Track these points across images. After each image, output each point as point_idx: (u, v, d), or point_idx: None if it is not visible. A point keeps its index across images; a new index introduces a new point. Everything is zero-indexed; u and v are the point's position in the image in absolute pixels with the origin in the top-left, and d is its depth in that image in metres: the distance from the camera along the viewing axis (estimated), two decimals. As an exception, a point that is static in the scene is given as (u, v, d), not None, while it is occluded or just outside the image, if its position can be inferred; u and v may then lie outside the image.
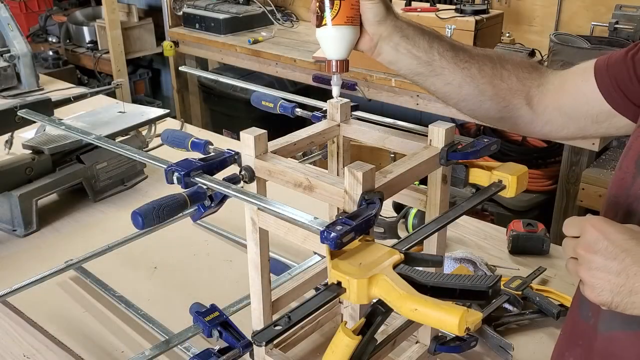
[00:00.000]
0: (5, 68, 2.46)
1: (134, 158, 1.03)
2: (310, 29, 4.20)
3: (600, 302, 0.68)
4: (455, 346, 0.96)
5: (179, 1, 3.87)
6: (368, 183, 0.73)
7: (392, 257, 0.67)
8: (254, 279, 0.91)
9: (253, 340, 0.66)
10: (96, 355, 1.10)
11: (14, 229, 1.49)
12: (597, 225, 0.68)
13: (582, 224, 0.70)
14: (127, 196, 1.68)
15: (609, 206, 0.82)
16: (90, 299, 1.25)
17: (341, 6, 0.89)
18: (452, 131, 0.85)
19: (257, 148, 0.84)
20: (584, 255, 0.69)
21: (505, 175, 0.84)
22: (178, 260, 1.38)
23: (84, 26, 4.49)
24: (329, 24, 0.89)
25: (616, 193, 0.81)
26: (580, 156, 2.42)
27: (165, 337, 1.07)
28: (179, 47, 3.84)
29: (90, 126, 1.63)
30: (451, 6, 2.82)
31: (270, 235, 0.88)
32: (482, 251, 1.38)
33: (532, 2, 2.96)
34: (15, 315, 1.19)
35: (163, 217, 0.80)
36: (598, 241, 0.67)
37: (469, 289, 0.64)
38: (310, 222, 0.72)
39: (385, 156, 2.65)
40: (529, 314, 1.16)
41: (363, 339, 0.68)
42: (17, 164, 1.50)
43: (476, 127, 3.00)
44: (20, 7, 4.73)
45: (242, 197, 0.80)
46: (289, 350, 1.03)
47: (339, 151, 1.00)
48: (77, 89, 2.53)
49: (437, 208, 0.88)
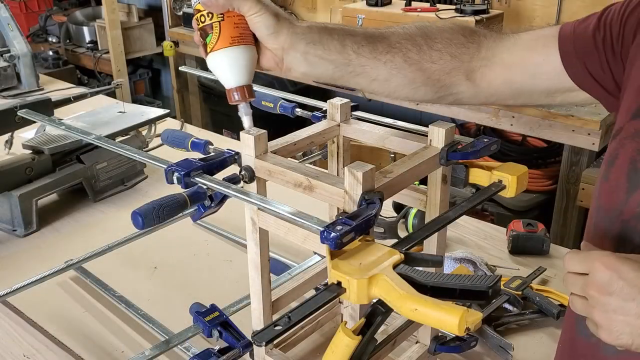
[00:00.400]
0: (5, 68, 2.46)
1: (134, 158, 1.03)
2: (310, 29, 4.16)
3: (620, 344, 0.64)
4: (455, 346, 0.96)
5: (179, 1, 3.88)
6: (368, 183, 0.73)
7: (392, 257, 0.67)
8: (254, 279, 0.91)
9: (253, 340, 0.66)
10: (96, 355, 1.10)
11: (14, 229, 1.49)
12: (608, 263, 0.63)
13: (589, 260, 0.65)
14: (127, 196, 1.67)
15: (599, 223, 0.77)
16: (90, 299, 1.25)
17: (221, 28, 0.81)
18: (452, 131, 0.85)
19: (257, 148, 0.83)
20: (598, 297, 0.64)
21: (505, 175, 0.84)
22: (178, 260, 1.38)
23: (84, 26, 4.49)
24: (214, 49, 0.82)
25: (606, 208, 0.76)
26: (580, 156, 2.42)
27: (165, 337, 1.07)
28: (179, 47, 3.84)
29: (90, 126, 1.63)
30: (451, 6, 2.82)
31: (270, 235, 0.88)
32: (482, 251, 1.38)
33: (532, 2, 2.96)
34: (15, 315, 1.19)
35: (163, 217, 0.80)
36: (612, 282, 0.62)
37: (469, 289, 0.64)
38: (310, 222, 0.72)
39: (385, 156, 2.64)
40: (529, 314, 1.16)
41: (363, 339, 0.68)
42: (17, 164, 1.50)
43: (476, 127, 3.00)
44: (20, 7, 4.74)
45: (242, 197, 0.80)
46: (289, 350, 1.03)
47: (339, 151, 1.00)
48: (77, 89, 2.53)
49: (437, 208, 0.88)
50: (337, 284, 0.65)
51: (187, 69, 2.01)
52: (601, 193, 0.77)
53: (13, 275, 1.29)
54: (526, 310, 1.16)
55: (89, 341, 1.13)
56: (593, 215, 0.79)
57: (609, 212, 0.74)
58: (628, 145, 0.73)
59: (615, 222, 0.73)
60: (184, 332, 1.04)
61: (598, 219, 0.77)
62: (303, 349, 1.07)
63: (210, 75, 0.93)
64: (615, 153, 0.75)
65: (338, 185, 0.75)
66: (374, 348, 0.73)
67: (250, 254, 0.90)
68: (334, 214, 1.00)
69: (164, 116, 1.77)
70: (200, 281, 1.31)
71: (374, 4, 2.88)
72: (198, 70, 3.84)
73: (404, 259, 0.68)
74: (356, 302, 0.66)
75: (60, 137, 1.57)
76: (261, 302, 0.92)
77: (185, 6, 3.83)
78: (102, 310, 1.22)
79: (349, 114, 0.98)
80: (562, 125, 2.32)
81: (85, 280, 1.29)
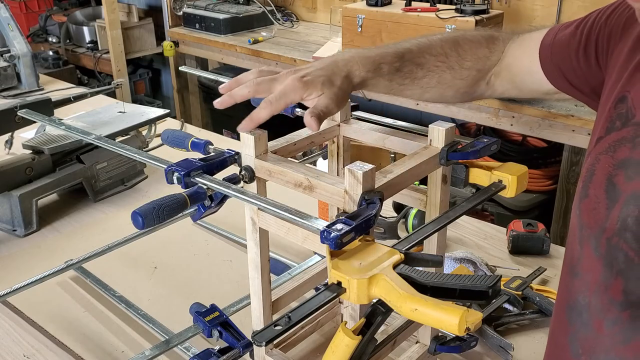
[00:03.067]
0: (5, 68, 2.46)
1: (134, 158, 1.03)
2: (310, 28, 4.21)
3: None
4: (455, 346, 0.96)
5: (179, 1, 3.88)
6: (368, 183, 0.73)
7: (392, 257, 0.67)
8: (254, 279, 0.91)
9: (253, 340, 0.66)
10: (96, 355, 1.10)
11: (14, 229, 1.49)
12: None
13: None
14: (127, 196, 1.68)
15: (583, 241, 0.76)
16: (90, 299, 1.25)
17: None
18: (452, 131, 0.85)
19: (257, 148, 0.84)
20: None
21: (505, 175, 0.84)
22: (178, 260, 1.38)
23: (84, 26, 4.49)
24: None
25: (589, 225, 0.74)
26: (580, 156, 2.42)
27: (165, 337, 1.07)
28: (179, 47, 3.84)
29: (90, 126, 1.63)
30: (451, 6, 2.81)
31: (270, 235, 0.88)
32: (482, 251, 1.38)
33: (532, 2, 2.96)
34: (15, 315, 1.19)
35: (163, 217, 0.80)
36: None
37: (469, 289, 0.63)
38: (310, 222, 0.72)
39: (385, 156, 2.65)
40: (529, 314, 1.16)
41: (363, 339, 0.68)
42: (17, 164, 1.50)
43: (476, 127, 3.00)
44: (20, 7, 4.74)
45: (242, 197, 0.80)
46: (289, 350, 1.03)
47: (339, 151, 1.00)
48: (77, 89, 2.53)
49: (437, 208, 0.88)
50: (337, 284, 0.65)
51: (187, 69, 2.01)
52: (582, 211, 0.76)
53: (13, 275, 1.29)
54: (526, 310, 1.16)
55: (89, 341, 1.13)
56: (577, 234, 0.77)
57: (594, 230, 0.73)
58: (603, 160, 0.73)
59: (600, 240, 0.72)
60: (184, 332, 1.04)
61: (583, 238, 0.76)
62: (303, 349, 1.07)
63: (210, 75, 0.93)
64: (592, 169, 0.75)
65: (338, 185, 0.75)
66: (374, 348, 0.73)
67: (250, 254, 0.90)
68: (334, 214, 1.00)
69: (164, 116, 1.77)
70: (200, 281, 1.31)
71: (374, 4, 2.88)
72: (198, 70, 3.85)
73: (404, 259, 0.68)
74: (356, 302, 0.66)
75: (60, 137, 1.57)
76: (261, 302, 0.92)
77: (185, 6, 3.83)
78: (102, 310, 1.22)
79: (349, 114, 0.98)
80: (562, 125, 2.32)
81: (85, 280, 1.29)
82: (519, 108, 2.39)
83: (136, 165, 1.71)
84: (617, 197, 0.70)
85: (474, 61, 0.95)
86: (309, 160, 1.26)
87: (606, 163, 0.73)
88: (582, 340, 0.75)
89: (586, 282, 0.75)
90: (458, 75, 0.95)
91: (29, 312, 1.19)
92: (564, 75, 0.88)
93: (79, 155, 1.60)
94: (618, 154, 0.72)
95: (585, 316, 0.75)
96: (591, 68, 0.84)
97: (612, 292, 0.71)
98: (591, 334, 0.74)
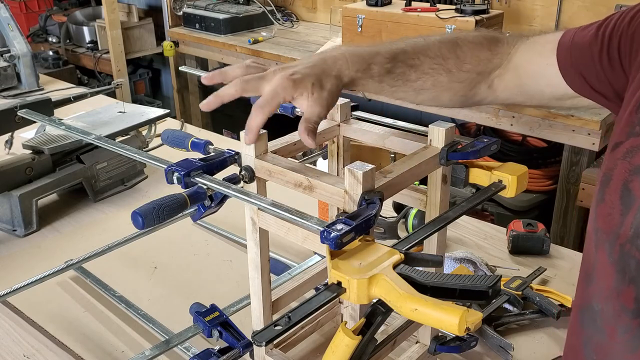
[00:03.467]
0: (5, 68, 2.46)
1: (134, 158, 1.03)
2: (310, 28, 4.20)
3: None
4: (455, 346, 0.96)
5: (179, 1, 3.88)
6: (368, 183, 0.73)
7: (392, 257, 0.67)
8: (254, 279, 0.91)
9: (253, 340, 0.66)
10: (96, 355, 1.10)
11: (14, 229, 1.49)
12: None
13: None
14: (127, 196, 1.67)
15: (598, 245, 0.75)
16: (90, 299, 1.25)
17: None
18: (452, 131, 0.85)
19: (257, 148, 0.84)
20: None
21: (505, 175, 0.84)
22: (178, 260, 1.38)
23: (84, 26, 4.49)
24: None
25: (605, 230, 0.74)
26: (580, 156, 2.42)
27: (165, 337, 1.07)
28: (179, 47, 3.84)
29: (90, 126, 1.63)
30: (451, 6, 2.81)
31: (270, 235, 0.88)
32: (482, 251, 1.38)
33: (532, 2, 2.96)
34: (15, 315, 1.19)
35: (163, 217, 0.80)
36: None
37: (469, 289, 0.63)
38: (310, 222, 0.72)
39: (385, 156, 2.64)
40: (529, 314, 1.16)
41: (363, 339, 0.68)
42: (17, 164, 1.50)
43: (476, 127, 3.00)
44: (20, 7, 4.74)
45: (242, 197, 0.80)
46: (289, 350, 1.03)
47: (339, 151, 1.00)
48: (77, 89, 2.53)
49: (437, 208, 0.88)
50: (337, 284, 0.65)
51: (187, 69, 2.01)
52: (598, 215, 0.75)
53: (13, 275, 1.29)
54: (526, 310, 1.16)
55: (89, 341, 1.13)
56: (593, 238, 0.77)
57: (609, 236, 0.73)
58: (620, 165, 0.73)
59: (614, 246, 0.72)
60: (184, 332, 1.04)
61: (598, 242, 0.75)
62: (303, 349, 1.07)
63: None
64: (610, 174, 0.74)
65: (338, 185, 0.75)
66: (374, 348, 0.73)
67: (250, 254, 0.90)
68: (334, 214, 1.00)
69: (164, 116, 1.77)
70: (200, 281, 1.31)
71: (374, 4, 2.88)
72: (198, 70, 3.85)
73: (404, 259, 0.68)
74: (356, 302, 0.66)
75: (60, 137, 1.57)
76: (261, 302, 0.92)
77: (185, 6, 3.83)
78: (102, 310, 1.22)
79: (349, 114, 0.98)
80: (562, 125, 2.32)
81: (85, 280, 1.29)
82: (519, 108, 2.39)
83: (136, 165, 1.71)
84: (631, 203, 0.69)
85: (474, 64, 0.92)
86: (309, 160, 1.26)
87: (623, 169, 0.72)
88: (595, 345, 0.75)
89: (600, 288, 0.74)
90: (456, 78, 0.91)
91: (29, 312, 1.19)
92: (585, 80, 0.84)
93: (79, 155, 1.60)
94: (635, 159, 0.71)
95: (599, 322, 0.74)
96: (615, 71, 0.81)
97: (623, 299, 0.70)
98: (604, 340, 0.73)
